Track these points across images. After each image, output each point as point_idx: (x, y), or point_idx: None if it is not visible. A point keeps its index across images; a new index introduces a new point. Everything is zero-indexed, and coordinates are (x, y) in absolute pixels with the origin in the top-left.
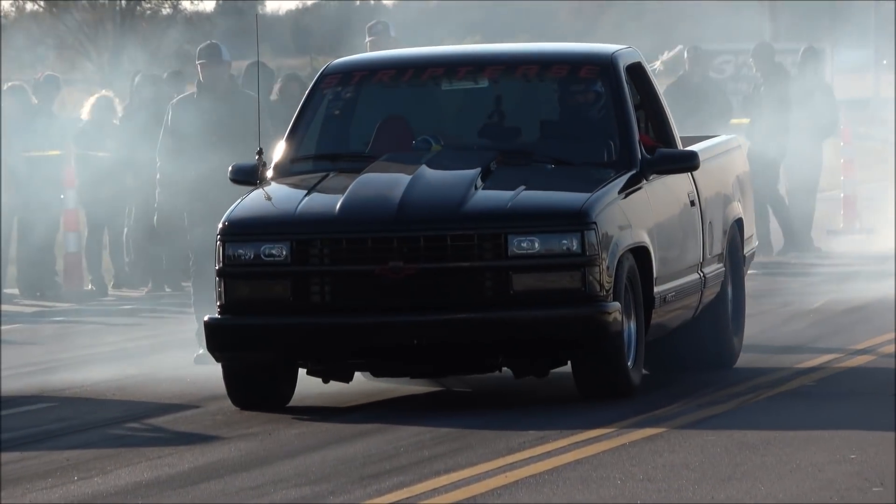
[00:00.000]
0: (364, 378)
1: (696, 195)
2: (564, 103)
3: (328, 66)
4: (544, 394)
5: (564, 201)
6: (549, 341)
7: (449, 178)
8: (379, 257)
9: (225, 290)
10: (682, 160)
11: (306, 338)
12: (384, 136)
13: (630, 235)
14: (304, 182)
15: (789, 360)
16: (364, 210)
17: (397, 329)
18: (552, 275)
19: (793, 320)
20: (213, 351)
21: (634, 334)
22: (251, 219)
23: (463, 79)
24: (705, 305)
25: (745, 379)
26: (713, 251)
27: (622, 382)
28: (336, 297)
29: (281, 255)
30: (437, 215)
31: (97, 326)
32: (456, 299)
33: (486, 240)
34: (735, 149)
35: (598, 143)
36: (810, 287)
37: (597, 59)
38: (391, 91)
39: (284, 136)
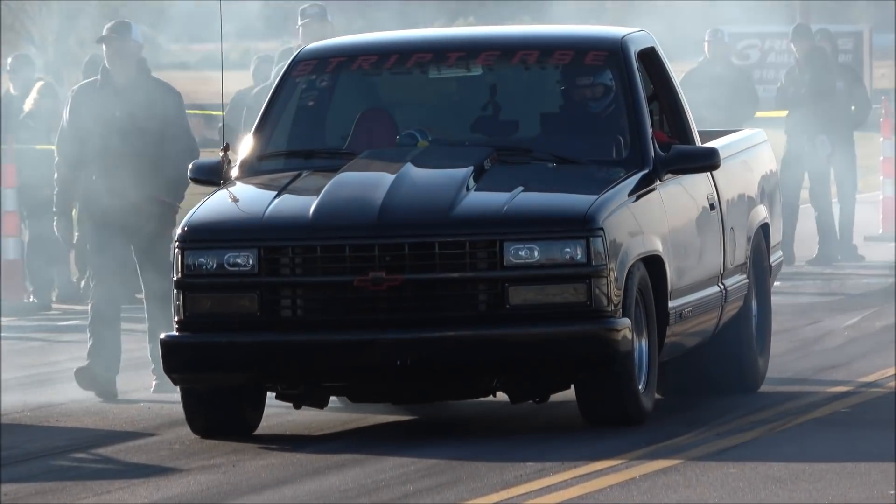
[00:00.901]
0: (340, 403)
1: (717, 197)
2: (568, 94)
3: (301, 50)
4: (544, 421)
5: (567, 204)
6: (549, 362)
7: (437, 178)
8: (358, 267)
9: (184, 303)
10: (701, 158)
11: (275, 357)
12: (364, 130)
13: (641, 243)
14: (273, 182)
15: (820, 384)
16: (341, 214)
17: (378, 348)
18: (554, 287)
19: (825, 338)
20: (170, 372)
21: (646, 354)
22: (213, 223)
23: (453, 66)
24: (726, 322)
25: (770, 405)
26: (735, 261)
27: (632, 408)
28: (309, 312)
29: (247, 264)
30: (423, 220)
31: (39, 344)
32: (445, 314)
33: (479, 248)
34: (760, 144)
35: (605, 139)
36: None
37: (604, 44)
38: (372, 79)
39: (251, 129)
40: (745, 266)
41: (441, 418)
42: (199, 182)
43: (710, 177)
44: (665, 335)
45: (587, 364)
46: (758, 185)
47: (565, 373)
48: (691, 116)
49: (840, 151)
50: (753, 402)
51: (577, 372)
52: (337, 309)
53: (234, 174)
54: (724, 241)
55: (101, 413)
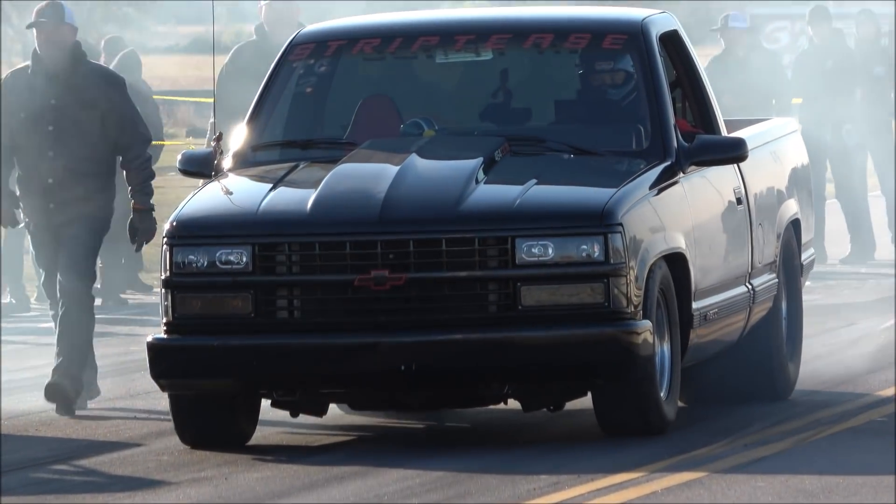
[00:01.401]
0: (340, 411)
1: (744, 191)
2: (584, 80)
3: (298, 33)
4: (559, 430)
5: (584, 198)
6: (565, 367)
7: (444, 169)
8: (359, 265)
9: (173, 304)
10: (727, 149)
11: (271, 362)
12: (366, 118)
13: (663, 240)
14: (268, 174)
15: (855, 391)
16: (341, 208)
17: (381, 352)
18: (569, 287)
19: (859, 342)
20: (158, 378)
21: (668, 359)
22: (204, 218)
23: (462, 50)
24: (754, 324)
25: (801, 413)
26: (764, 259)
27: (654, 417)
28: (307, 313)
29: (240, 262)
30: (429, 215)
31: (17, 347)
32: (452, 316)
33: (489, 245)
34: (790, 134)
35: (625, 128)
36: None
37: (624, 27)
38: (374, 64)
39: (246, 118)
40: (775, 264)
41: (448, 428)
42: (188, 174)
43: (736, 169)
44: (688, 339)
45: (605, 369)
46: (788, 178)
47: (581, 379)
48: (716, 104)
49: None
50: (783, 410)
51: (594, 378)
52: (336, 310)
53: (227, 165)
54: (751, 237)
55: (84, 422)
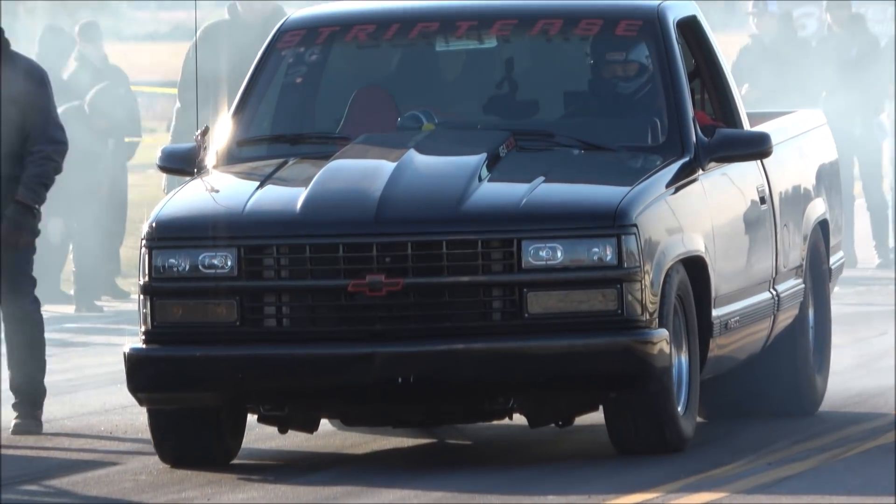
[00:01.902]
0: (333, 427)
1: (768, 190)
2: (596, 69)
3: (287, 19)
4: (568, 448)
5: (595, 198)
6: (574, 380)
7: (444, 166)
8: (353, 269)
9: (152, 311)
10: (750, 144)
11: (257, 374)
12: (360, 111)
13: (681, 242)
14: (255, 171)
15: (888, 405)
16: (334, 208)
17: (376, 363)
18: (579, 293)
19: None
20: (135, 391)
21: (686, 371)
22: (186, 219)
23: (463, 37)
24: (779, 333)
25: (829, 430)
26: (789, 263)
27: (670, 433)
28: (296, 321)
29: (225, 266)
30: (428, 215)
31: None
32: (453, 324)
33: (493, 247)
34: (817, 128)
35: (639, 122)
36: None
37: (638, 12)
38: (369, 53)
39: (231, 111)
40: (801, 269)
41: (449, 445)
42: (168, 171)
43: (760, 166)
44: (708, 349)
45: (618, 382)
46: (815, 176)
47: (592, 392)
48: (738, 96)
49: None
50: (809, 426)
51: (606, 391)
52: (329, 318)
53: (210, 162)
54: (776, 239)
55: (55, 439)
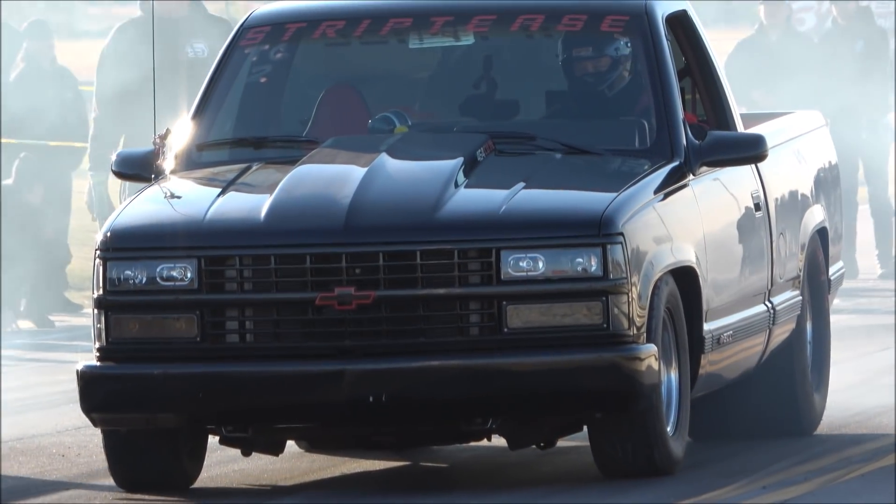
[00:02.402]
0: (299, 449)
1: (763, 195)
2: (580, 68)
3: (251, 14)
4: (550, 471)
5: (579, 205)
6: (557, 398)
7: (419, 171)
8: (321, 281)
9: (106, 326)
10: (744, 147)
11: (219, 393)
12: (329, 112)
13: (670, 252)
14: (217, 177)
15: (891, 425)
16: (300, 216)
17: (346, 381)
18: (562, 306)
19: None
20: (89, 412)
21: (676, 389)
22: (143, 228)
23: (439, 33)
24: (775, 349)
25: (828, 451)
26: (786, 273)
27: (659, 455)
28: (261, 337)
29: (185, 277)
30: (402, 223)
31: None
32: (428, 340)
33: (471, 257)
34: (816, 130)
35: (626, 124)
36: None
37: (624, 7)
38: (339, 50)
39: (190, 113)
40: (798, 280)
41: (424, 468)
42: (123, 177)
43: (754, 170)
44: (699, 365)
45: (604, 401)
46: (813, 181)
47: (577, 412)
48: (732, 96)
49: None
50: (807, 447)
51: (591, 410)
52: (295, 333)
53: (169, 167)
54: (771, 248)
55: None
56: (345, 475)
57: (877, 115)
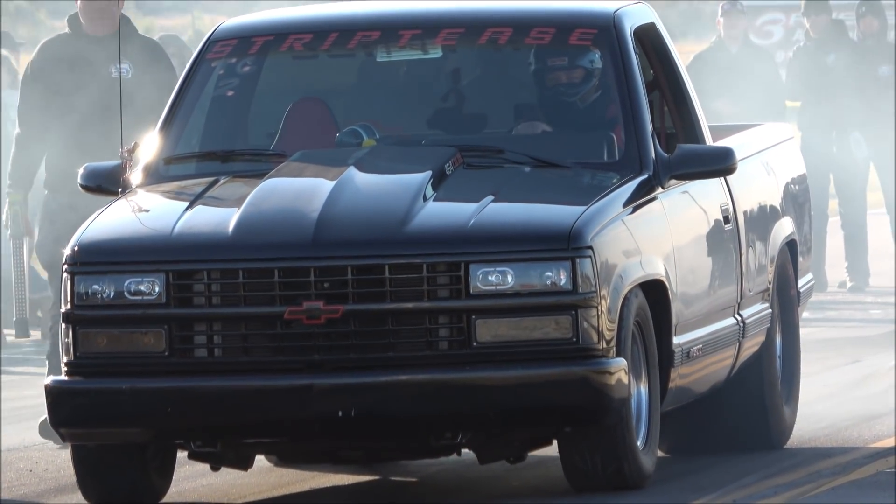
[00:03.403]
0: (269, 463)
1: (732, 208)
2: (547, 81)
3: (218, 27)
4: (520, 485)
5: (548, 218)
6: (527, 413)
7: (387, 185)
8: (290, 295)
9: (74, 341)
10: (713, 160)
11: (187, 408)
12: (296, 126)
13: (639, 265)
14: (184, 191)
15: (861, 438)
16: (269, 230)
17: (315, 396)
18: (531, 320)
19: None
20: (58, 426)
21: (646, 403)
22: (110, 242)
23: (406, 46)
24: (745, 362)
25: (799, 464)
26: (755, 286)
27: (629, 469)
28: (229, 351)
29: (152, 292)
30: (370, 237)
31: None
32: (397, 354)
33: (439, 271)
34: (785, 142)
35: (594, 137)
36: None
37: (593, 20)
38: (306, 63)
39: (157, 126)
40: (768, 293)
41: (393, 482)
42: (90, 190)
43: (723, 183)
44: (669, 379)
45: (573, 415)
46: (782, 193)
47: (546, 426)
48: (700, 109)
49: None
50: (778, 460)
51: (560, 424)
52: (263, 347)
53: (136, 181)
54: (741, 262)
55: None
56: (314, 489)
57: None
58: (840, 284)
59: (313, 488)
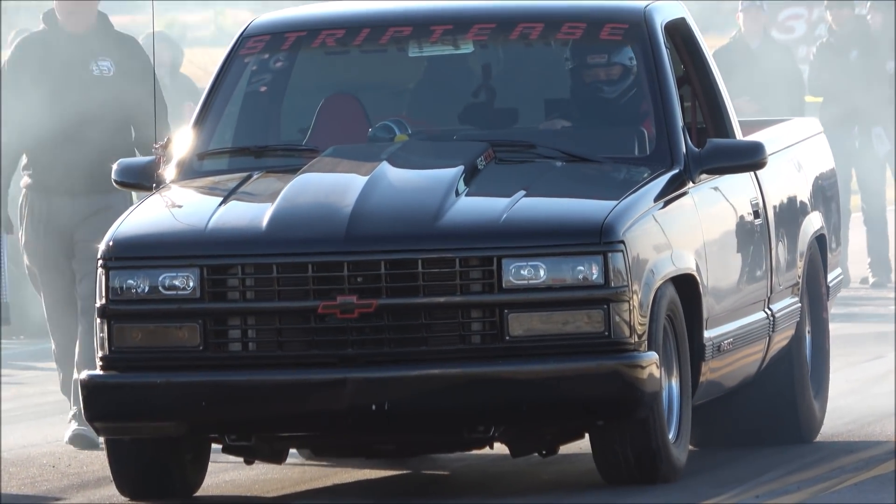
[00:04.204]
0: (301, 458)
1: (762, 203)
2: (579, 76)
3: (251, 23)
4: (552, 478)
5: (580, 213)
6: (559, 406)
7: (419, 180)
8: (323, 290)
9: (109, 335)
10: (744, 154)
11: (221, 402)
12: (328, 121)
13: (671, 259)
14: (218, 186)
15: (884, 433)
16: (302, 224)
17: (349, 389)
18: (563, 314)
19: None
20: (93, 420)
21: (677, 396)
22: (145, 237)
23: (438, 42)
24: (775, 356)
25: (824, 459)
26: (785, 281)
27: (661, 463)
28: (263, 346)
29: (187, 286)
30: (403, 231)
31: None
32: (430, 348)
33: (472, 265)
34: (814, 137)
35: (626, 132)
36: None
37: (624, 15)
38: (338, 59)
39: (191, 122)
40: (798, 287)
41: (424, 476)
42: (125, 185)
43: (753, 178)
44: (700, 373)
45: (605, 408)
46: (811, 188)
47: (578, 419)
48: (730, 103)
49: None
50: (803, 455)
51: (593, 418)
52: (297, 341)
53: (170, 176)
54: (771, 256)
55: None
56: (347, 483)
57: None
58: (862, 280)
59: (346, 481)
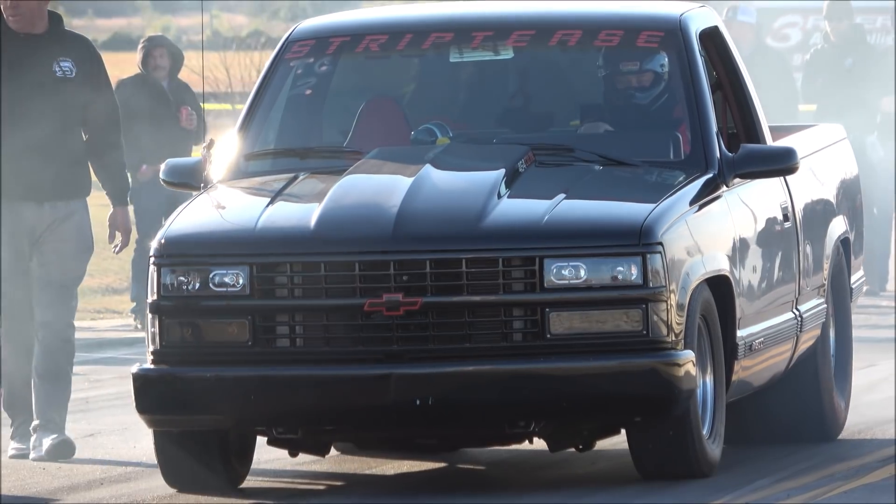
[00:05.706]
0: (343, 450)
1: (791, 206)
2: (616, 81)
3: (296, 28)
4: (588, 473)
5: (619, 215)
6: (598, 402)
7: (462, 182)
8: (370, 288)
9: (160, 330)
10: (777, 159)
11: (269, 396)
12: (371, 124)
13: (705, 261)
14: (265, 186)
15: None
16: (350, 224)
17: (393, 385)
18: (603, 313)
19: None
20: (143, 412)
21: (711, 394)
22: (196, 236)
23: (479, 47)
24: (801, 355)
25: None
26: (812, 282)
27: (696, 458)
28: (311, 341)
29: (237, 284)
30: (448, 232)
31: None
32: (473, 345)
33: (515, 265)
34: (838, 142)
35: (662, 136)
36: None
37: (660, 23)
38: (381, 63)
39: (237, 124)
40: (823, 288)
41: (461, 470)
42: (172, 185)
43: (783, 182)
44: (732, 371)
45: (643, 405)
46: (836, 192)
47: (617, 415)
48: (762, 110)
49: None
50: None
51: (630, 414)
52: (344, 338)
53: (217, 177)
54: (799, 258)
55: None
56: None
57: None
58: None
59: (390, 474)
